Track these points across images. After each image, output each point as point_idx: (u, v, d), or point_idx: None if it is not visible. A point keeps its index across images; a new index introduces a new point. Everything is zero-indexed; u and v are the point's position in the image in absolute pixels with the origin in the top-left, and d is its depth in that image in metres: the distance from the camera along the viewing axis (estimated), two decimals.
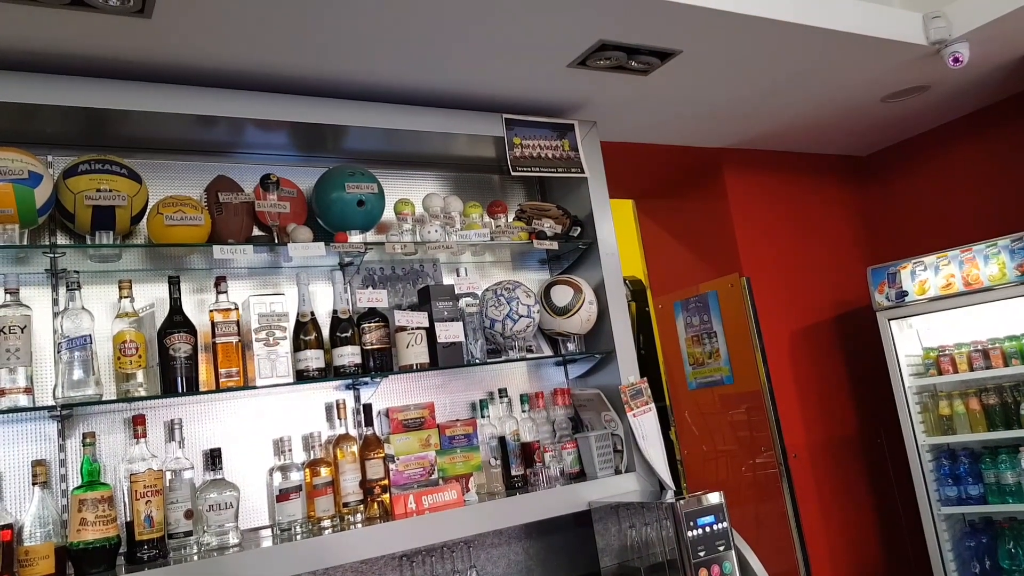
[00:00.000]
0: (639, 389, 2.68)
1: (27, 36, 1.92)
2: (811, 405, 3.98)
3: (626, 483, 2.56)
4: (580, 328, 2.73)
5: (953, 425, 3.57)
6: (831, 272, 4.21)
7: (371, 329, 2.39)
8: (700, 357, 3.98)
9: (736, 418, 3.94)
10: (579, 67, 2.56)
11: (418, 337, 2.44)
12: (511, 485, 2.51)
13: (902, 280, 3.65)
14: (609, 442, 2.66)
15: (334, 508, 2.18)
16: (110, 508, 1.90)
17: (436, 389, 2.65)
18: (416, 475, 2.34)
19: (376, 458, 2.27)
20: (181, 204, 2.20)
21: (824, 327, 4.12)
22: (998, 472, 3.43)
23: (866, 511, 4.04)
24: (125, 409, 2.14)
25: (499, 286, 2.66)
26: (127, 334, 2.07)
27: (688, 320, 4.02)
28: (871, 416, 4.09)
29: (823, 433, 3.99)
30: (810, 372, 4.01)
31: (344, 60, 2.29)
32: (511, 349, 2.65)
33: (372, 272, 2.64)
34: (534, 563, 2.61)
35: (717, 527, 2.21)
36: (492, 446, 2.55)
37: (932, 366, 3.65)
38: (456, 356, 2.49)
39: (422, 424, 2.47)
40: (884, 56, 2.91)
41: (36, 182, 1.98)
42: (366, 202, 2.45)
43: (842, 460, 4.02)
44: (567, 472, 2.60)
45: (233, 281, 2.34)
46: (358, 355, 2.34)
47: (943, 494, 3.59)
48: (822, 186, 4.35)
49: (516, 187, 3.09)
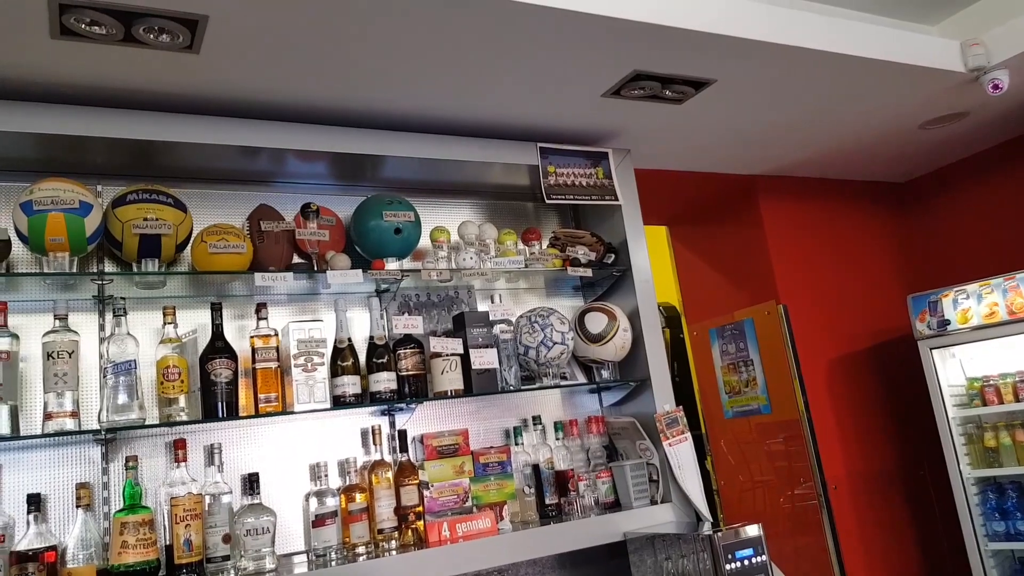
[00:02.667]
0: (675, 418, 2.65)
1: (81, 71, 2.00)
2: (851, 435, 3.90)
3: (662, 514, 2.53)
4: (614, 355, 2.72)
5: (999, 457, 3.47)
6: (870, 300, 4.14)
7: (406, 355, 2.42)
8: (737, 385, 3.93)
9: (774, 448, 3.87)
10: (613, 96, 2.59)
11: (453, 363, 2.45)
12: (545, 514, 2.49)
13: (944, 309, 3.58)
14: (644, 471, 2.63)
15: (369, 534, 2.19)
16: (151, 531, 1.93)
17: (470, 415, 2.66)
18: (450, 502, 2.34)
19: (411, 484, 2.27)
20: (224, 232, 2.26)
21: (863, 356, 4.04)
22: None
23: (909, 546, 3.92)
24: (167, 433, 2.18)
25: (533, 313, 2.67)
26: (170, 359, 2.11)
27: (724, 348, 3.98)
28: (913, 447, 3.99)
29: (864, 464, 3.89)
30: (849, 402, 3.94)
31: (383, 92, 2.34)
32: (545, 376, 2.65)
33: (408, 298, 2.67)
34: None
35: (756, 560, 2.17)
36: (526, 474, 2.54)
37: (976, 396, 3.56)
38: (490, 383, 2.49)
39: (456, 451, 2.47)
40: (921, 83, 2.89)
41: (86, 211, 2.05)
42: (403, 230, 2.49)
43: (884, 492, 3.92)
44: (602, 502, 2.58)
45: (273, 307, 2.39)
46: (394, 381, 2.37)
47: (990, 529, 3.47)
48: (860, 213, 4.30)
49: (550, 214, 3.11)
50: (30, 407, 2.06)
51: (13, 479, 2.01)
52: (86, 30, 1.81)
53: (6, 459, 2.02)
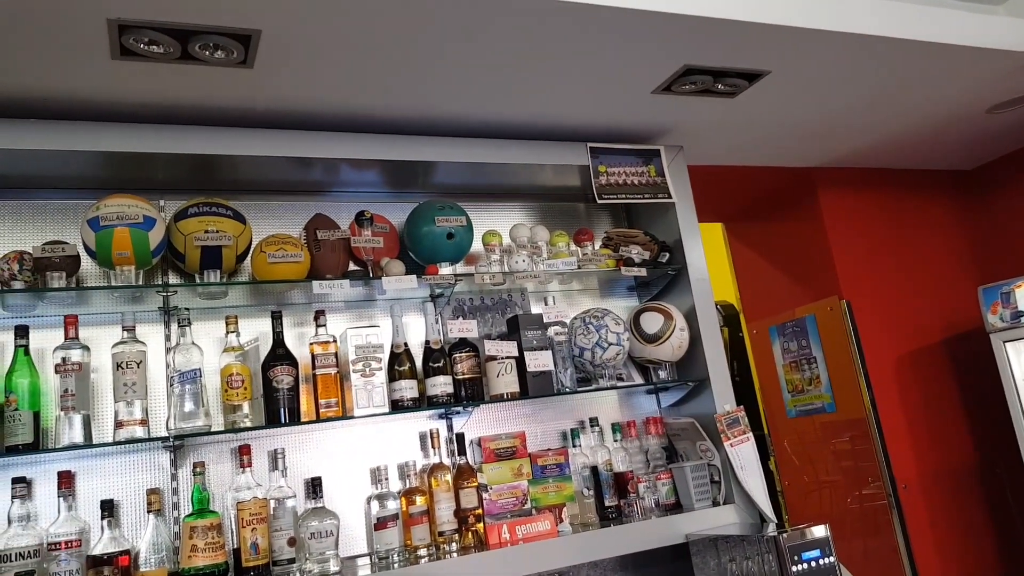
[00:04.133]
0: (736, 418, 2.60)
1: (140, 89, 2.07)
2: (921, 433, 3.76)
3: (725, 515, 2.48)
4: (671, 355, 2.68)
5: None
6: (938, 293, 3.98)
7: (462, 359, 2.42)
8: (799, 384, 3.83)
9: (840, 447, 3.76)
10: (664, 93, 2.55)
11: (508, 366, 2.45)
12: (605, 516, 2.46)
13: (1017, 300, 3.42)
14: (705, 472, 2.58)
15: (430, 537, 2.20)
16: (219, 535, 1.97)
17: (526, 418, 2.65)
18: (509, 504, 2.33)
19: (470, 487, 2.28)
20: (282, 242, 2.31)
21: (932, 351, 3.90)
22: None
23: (985, 545, 3.76)
24: (232, 439, 2.23)
25: (587, 314, 2.64)
26: (233, 367, 2.16)
27: (785, 345, 3.89)
28: (988, 444, 3.82)
29: (935, 463, 3.75)
30: (919, 398, 3.79)
31: (431, 98, 2.36)
32: (601, 378, 2.62)
33: (462, 303, 2.68)
34: None
35: (824, 562, 2.10)
36: (584, 476, 2.52)
37: None
38: (546, 385, 2.48)
39: (514, 453, 2.47)
40: (987, 66, 2.76)
41: (150, 226, 2.12)
42: (455, 235, 2.50)
43: (957, 491, 3.77)
44: (662, 503, 2.54)
45: (331, 314, 2.42)
46: (450, 385, 2.38)
47: None
48: (924, 202, 4.14)
49: (602, 215, 3.09)
50: (101, 416, 2.14)
51: (87, 486, 2.09)
52: (144, 50, 1.88)
53: (80, 466, 2.09)
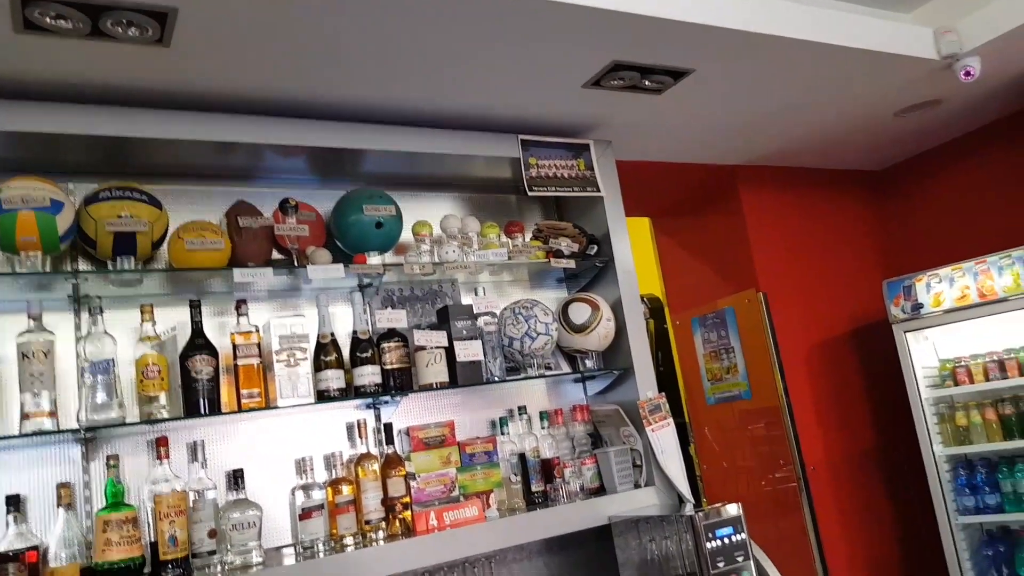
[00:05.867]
0: (657, 404, 2.68)
1: (48, 67, 1.97)
2: (829, 419, 3.96)
3: (646, 497, 2.56)
4: (598, 345, 2.74)
5: (970, 435, 3.54)
6: (848, 286, 4.19)
7: (390, 349, 2.41)
8: (718, 372, 3.97)
9: (755, 433, 3.92)
10: (593, 87, 2.59)
11: (437, 356, 2.45)
12: (532, 501, 2.50)
13: (917, 293, 3.64)
14: (628, 457, 2.65)
15: (356, 526, 2.19)
16: (134, 529, 1.91)
17: (456, 407, 2.66)
18: (437, 492, 2.34)
19: (397, 476, 2.28)
20: (201, 229, 2.24)
21: (841, 341, 4.10)
22: (1015, 481, 3.41)
23: (886, 522, 4.00)
24: (148, 431, 2.16)
25: (517, 305, 2.67)
26: (149, 357, 2.09)
27: (706, 336, 4.02)
28: (889, 428, 4.06)
29: (842, 446, 3.96)
30: (828, 386, 3.99)
31: (361, 85, 2.33)
32: (530, 367, 2.65)
33: (391, 293, 2.66)
34: None
35: (736, 538, 2.20)
36: (512, 463, 2.55)
37: (948, 377, 3.63)
38: (475, 374, 2.50)
39: (443, 442, 2.47)
40: (896, 71, 2.92)
41: (58, 209, 2.02)
42: (384, 224, 2.48)
43: (861, 473, 3.99)
44: (587, 487, 2.60)
45: (253, 304, 2.37)
46: (378, 375, 2.36)
47: (960, 504, 3.55)
48: (838, 201, 4.34)
49: (533, 207, 3.11)
50: (7, 408, 2.04)
51: None
52: (51, 24, 1.78)
53: None
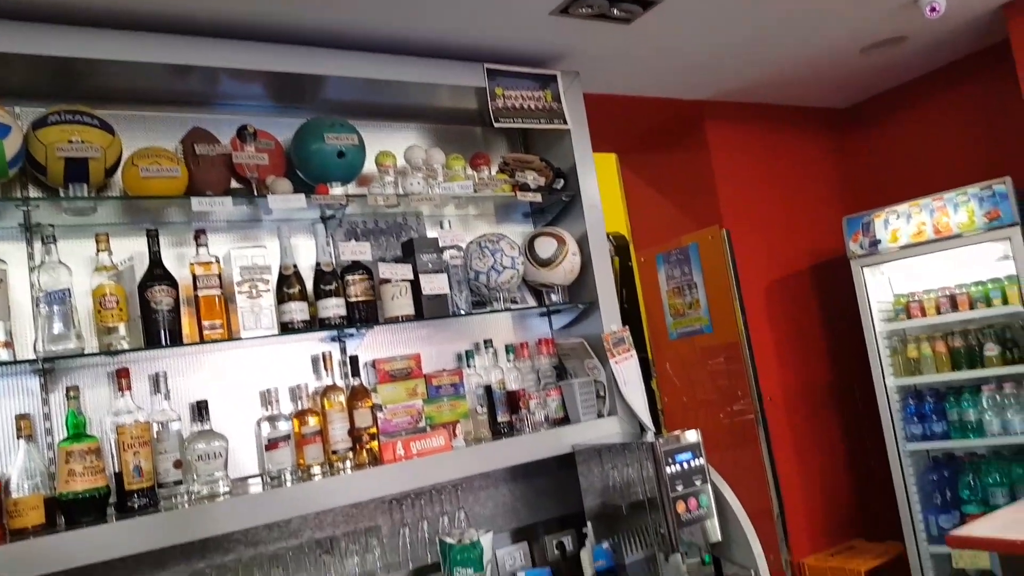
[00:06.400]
0: (621, 337, 2.71)
1: None
2: (787, 352, 4.06)
3: (608, 427, 2.61)
4: (564, 279, 2.75)
5: (920, 367, 3.68)
6: (809, 223, 4.26)
7: (355, 282, 2.39)
8: (681, 308, 4.03)
9: (715, 368, 4.01)
10: (561, 15, 2.53)
11: (403, 289, 2.44)
12: (497, 431, 2.54)
13: (876, 229, 3.71)
14: (592, 389, 2.70)
15: (323, 456, 2.20)
16: (98, 459, 1.90)
17: (422, 341, 2.66)
18: (404, 423, 2.36)
19: (364, 408, 2.29)
20: (157, 156, 2.17)
21: (801, 277, 4.18)
22: (961, 410, 3.56)
23: (838, 450, 4.16)
24: (108, 363, 2.12)
25: (483, 238, 2.66)
26: (107, 288, 2.04)
27: (670, 272, 4.07)
28: (844, 361, 4.18)
29: (798, 379, 4.07)
30: (786, 320, 4.08)
31: (323, 7, 2.24)
32: (496, 300, 2.66)
33: (355, 225, 2.62)
34: (520, 504, 2.67)
35: (694, 463, 2.27)
36: (478, 395, 2.58)
37: (902, 311, 3.74)
38: (441, 307, 2.50)
39: (409, 374, 2.48)
40: (863, 5, 2.91)
41: (5, 133, 1.93)
42: (346, 153, 2.43)
43: (816, 404, 4.12)
44: (551, 418, 2.64)
45: (212, 235, 2.31)
46: (343, 307, 2.35)
47: (909, 432, 3.71)
48: (802, 138, 4.37)
49: (499, 140, 3.07)
50: None
51: None
52: None
53: None
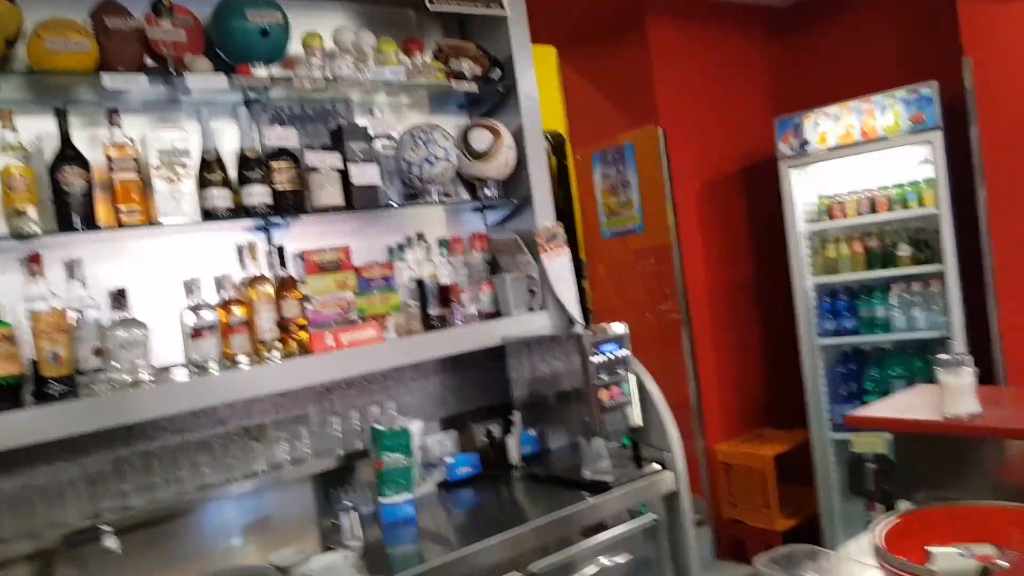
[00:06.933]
0: (554, 233, 2.74)
1: None
2: (714, 252, 4.18)
3: (539, 320, 2.67)
4: (498, 173, 2.73)
5: (837, 266, 3.86)
6: (743, 124, 4.30)
7: (281, 169, 2.32)
8: (615, 207, 4.07)
9: (646, 269, 4.11)
10: None
11: (332, 179, 2.38)
12: (429, 324, 2.57)
13: (805, 131, 3.78)
14: (524, 283, 2.74)
15: (250, 346, 2.19)
16: (12, 346, 1.84)
17: (352, 233, 2.62)
18: (334, 315, 2.36)
19: (292, 298, 2.27)
20: (64, 28, 2.01)
21: (733, 178, 4.26)
22: (871, 308, 3.78)
23: (755, 347, 4.39)
24: (18, 247, 2.02)
25: (416, 128, 2.60)
26: (13, 168, 1.93)
27: (605, 171, 4.08)
28: (768, 261, 4.34)
29: (723, 278, 4.22)
30: (716, 221, 4.19)
31: None
32: (428, 193, 2.63)
33: (280, 111, 2.52)
34: (450, 394, 2.74)
35: (619, 354, 2.36)
36: (411, 288, 2.58)
37: (825, 213, 3.87)
38: (372, 199, 2.45)
39: (339, 266, 2.46)
40: None
41: None
42: (270, 32, 2.30)
43: (738, 302, 4.30)
44: (483, 312, 2.68)
45: (127, 116, 2.18)
46: (268, 195, 2.28)
47: (822, 327, 3.93)
48: (741, 37, 4.35)
49: (433, 24, 2.94)
50: None
51: None
52: None
53: None
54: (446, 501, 2.47)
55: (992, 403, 1.99)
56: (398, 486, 2.28)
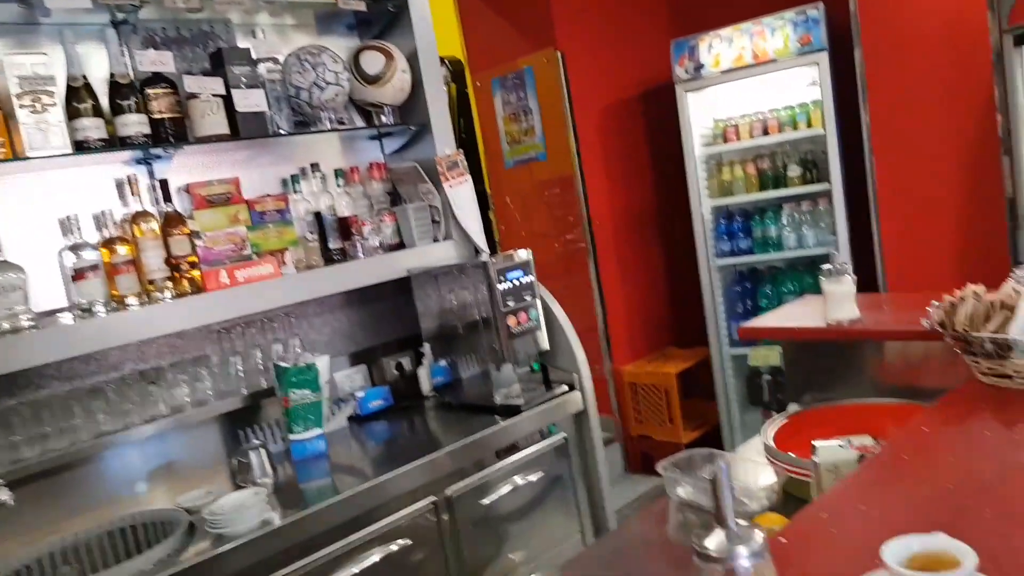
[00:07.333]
0: (455, 161, 2.69)
1: None
2: (617, 178, 4.23)
3: (444, 251, 2.65)
4: (393, 98, 2.64)
5: (732, 189, 3.98)
6: (642, 47, 4.30)
7: (157, 96, 2.16)
8: (517, 135, 4.04)
9: (551, 200, 4.12)
10: None
11: (214, 106, 2.24)
12: (330, 259, 2.50)
13: (700, 54, 3.81)
14: (427, 213, 2.69)
15: (139, 286, 2.08)
16: None
17: (241, 164, 2.50)
18: (227, 251, 2.26)
19: (180, 235, 2.15)
20: None
21: (632, 103, 4.28)
22: (764, 228, 3.94)
23: (657, 269, 4.52)
24: None
25: (302, 51, 2.46)
26: None
27: (506, 98, 4.02)
28: (667, 185, 4.43)
29: (626, 204, 4.29)
30: (617, 147, 4.22)
31: None
32: (320, 120, 2.52)
33: (153, 33, 2.33)
34: (357, 329, 2.70)
35: (524, 280, 2.37)
36: (308, 221, 2.50)
37: (720, 136, 3.96)
38: (259, 127, 2.33)
39: (228, 200, 2.34)
40: None
41: None
42: None
43: (640, 227, 4.40)
44: (386, 244, 2.63)
45: None
46: (146, 125, 2.13)
47: (719, 249, 4.08)
48: None
49: None
50: None
51: None
52: None
53: None
54: (359, 435, 2.46)
55: (872, 309, 2.13)
56: (307, 422, 2.25)
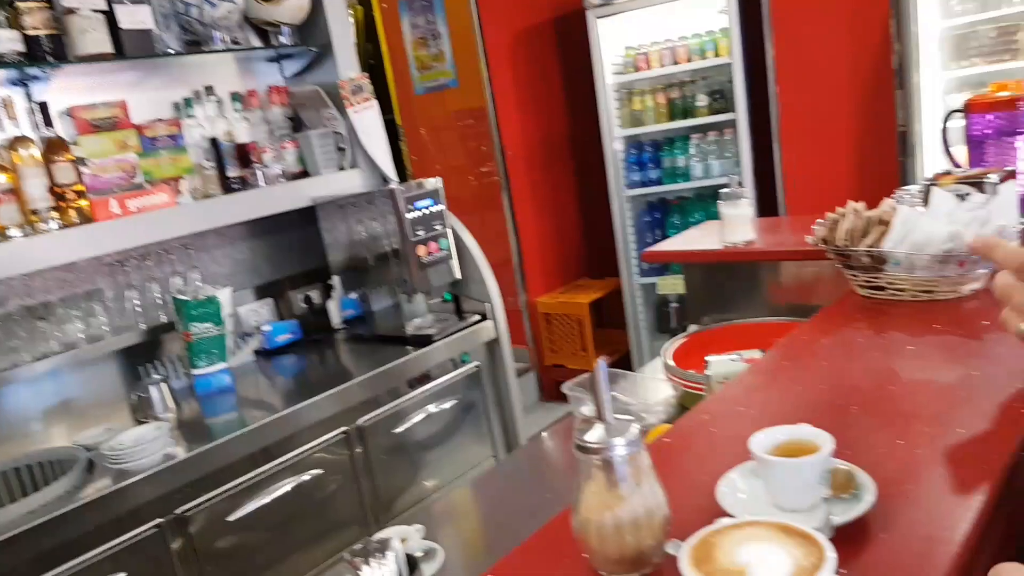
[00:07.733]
0: (359, 84, 2.60)
1: None
2: (529, 108, 4.19)
3: (350, 180, 2.58)
4: (292, 17, 2.51)
5: (643, 119, 4.00)
6: None
7: (31, 10, 1.98)
8: (426, 60, 3.93)
9: (465, 132, 4.06)
10: None
11: (95, 22, 2.08)
12: (229, 187, 2.40)
13: None
14: (331, 140, 2.61)
15: (21, 217, 1.95)
16: None
17: (129, 87, 2.34)
18: (116, 179, 2.14)
19: (64, 161, 2.02)
20: None
21: (543, 29, 4.21)
22: (673, 158, 4.00)
23: (570, 201, 4.56)
24: None
25: None
26: None
27: (413, 21, 3.89)
28: (579, 115, 4.42)
29: (538, 134, 4.27)
30: (528, 75, 4.16)
31: None
32: (213, 40, 2.38)
33: None
34: (261, 260, 2.62)
35: (434, 209, 2.35)
36: (204, 148, 2.38)
37: (631, 64, 3.95)
38: (146, 45, 2.18)
39: (116, 124, 2.20)
40: None
41: None
42: None
43: (553, 158, 4.40)
44: (289, 172, 2.54)
45: None
46: (19, 41, 1.96)
47: (630, 179, 4.12)
48: None
49: None
50: None
51: None
52: None
53: None
54: (266, 369, 2.42)
55: (769, 231, 2.21)
56: (211, 356, 2.20)
